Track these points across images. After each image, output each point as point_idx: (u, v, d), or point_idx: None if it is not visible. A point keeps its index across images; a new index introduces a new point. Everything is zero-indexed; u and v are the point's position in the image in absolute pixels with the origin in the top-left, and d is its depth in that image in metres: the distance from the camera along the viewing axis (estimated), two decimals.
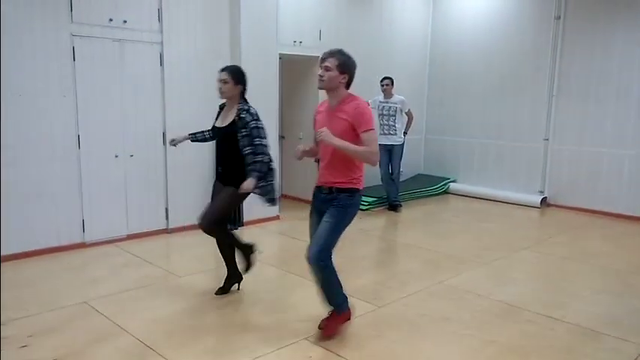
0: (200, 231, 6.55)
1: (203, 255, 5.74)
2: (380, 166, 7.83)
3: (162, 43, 6.03)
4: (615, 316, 4.21)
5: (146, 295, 4.50)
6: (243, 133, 4.09)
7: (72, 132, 5.49)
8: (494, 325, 4.01)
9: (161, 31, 6.01)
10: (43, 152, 5.31)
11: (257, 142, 4.10)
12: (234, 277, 4.55)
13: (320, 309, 3.87)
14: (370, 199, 7.91)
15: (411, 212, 7.86)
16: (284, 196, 8.00)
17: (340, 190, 3.60)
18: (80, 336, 3.70)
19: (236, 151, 4.13)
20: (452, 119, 9.41)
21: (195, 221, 6.46)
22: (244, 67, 4.36)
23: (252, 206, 6.79)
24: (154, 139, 6.14)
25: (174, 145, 4.64)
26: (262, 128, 4.15)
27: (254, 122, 4.10)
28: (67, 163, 5.49)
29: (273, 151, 6.78)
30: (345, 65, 3.46)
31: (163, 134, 6.18)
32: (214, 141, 4.47)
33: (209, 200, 4.45)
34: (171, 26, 6.08)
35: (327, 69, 3.44)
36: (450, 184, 9.30)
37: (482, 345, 3.69)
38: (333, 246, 3.60)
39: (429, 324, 4.01)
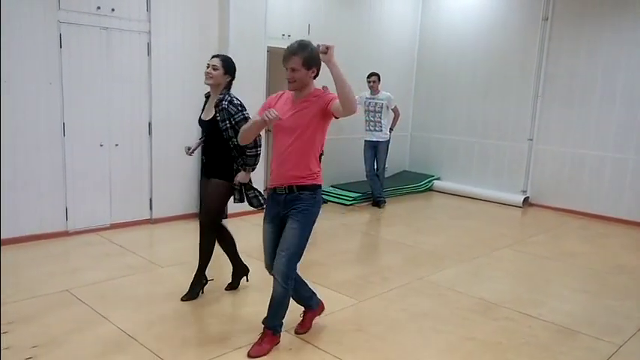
0: (183, 222, 6.56)
1: (186, 246, 5.74)
2: (365, 162, 7.87)
3: (149, 32, 6.00)
4: (591, 315, 4.29)
5: (128, 284, 4.50)
6: (228, 125, 3.95)
7: (57, 120, 5.45)
8: (472, 321, 4.07)
9: (149, 21, 5.98)
10: (27, 139, 5.27)
11: None
12: (240, 270, 4.53)
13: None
14: (354, 195, 7.95)
15: (394, 208, 7.91)
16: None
17: (302, 188, 3.33)
18: (61, 324, 3.70)
19: (221, 143, 4.03)
20: (438, 117, 9.47)
21: (178, 212, 6.55)
22: (232, 59, 4.35)
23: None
24: (139, 129, 6.11)
25: (191, 153, 4.41)
26: (250, 119, 3.97)
27: (240, 114, 3.97)
28: (52, 151, 5.46)
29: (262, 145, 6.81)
30: (311, 59, 3.20)
31: (149, 124, 6.16)
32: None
33: (198, 196, 4.42)
34: (159, 16, 6.04)
35: (293, 70, 3.20)
36: (435, 181, 9.36)
37: (461, 341, 3.75)
38: (302, 254, 3.39)
39: (409, 319, 4.06)
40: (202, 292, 4.31)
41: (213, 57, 4.14)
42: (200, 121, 4.23)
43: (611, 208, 7.59)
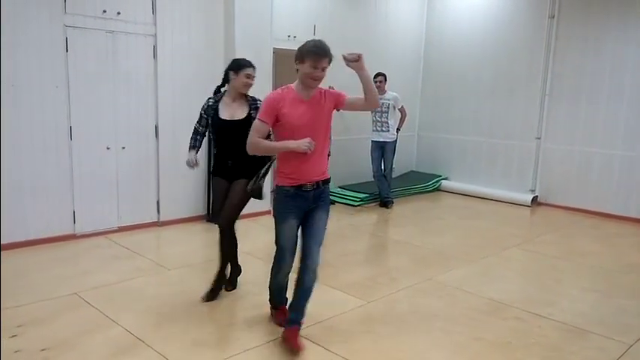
0: (190, 224, 6.55)
1: (193, 248, 5.75)
2: (372, 162, 7.85)
3: (155, 35, 6.01)
4: (602, 315, 4.25)
5: (136, 287, 4.50)
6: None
7: (64, 123, 5.47)
8: (481, 321, 4.04)
9: (155, 24, 5.99)
10: (34, 143, 5.29)
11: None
12: (238, 271, 4.58)
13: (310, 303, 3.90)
14: (362, 195, 7.94)
15: (402, 209, 7.89)
16: None
17: (326, 182, 3.51)
18: (70, 327, 3.71)
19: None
20: (445, 116, 9.43)
21: (186, 214, 6.55)
22: None
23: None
24: (146, 132, 6.12)
25: (197, 166, 4.35)
26: None
27: None
28: (59, 154, 5.47)
29: None
30: (331, 61, 3.37)
31: (156, 127, 6.17)
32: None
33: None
34: (165, 19, 6.05)
35: (323, 69, 3.30)
36: (442, 181, 9.33)
37: (470, 341, 3.72)
38: None
39: (418, 320, 4.04)
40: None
41: (248, 67, 4.19)
42: (225, 122, 4.17)
43: (622, 207, 7.52)
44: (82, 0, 5.42)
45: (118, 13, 5.67)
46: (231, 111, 4.18)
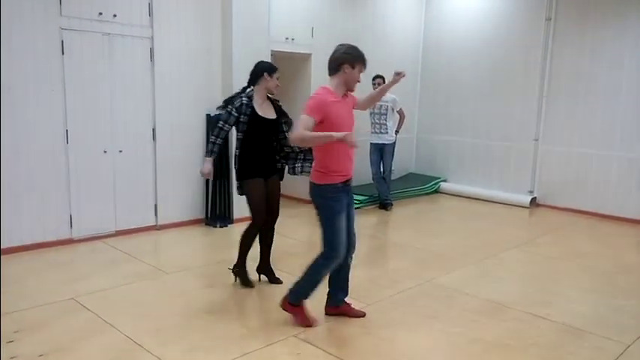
0: (188, 227, 6.53)
1: (192, 251, 5.73)
2: (371, 164, 7.84)
3: (152, 38, 6.00)
4: (600, 315, 4.25)
5: (134, 291, 4.48)
6: (283, 120, 4.49)
7: (60, 126, 5.44)
8: (480, 323, 4.03)
9: (151, 26, 5.98)
10: (31, 146, 5.26)
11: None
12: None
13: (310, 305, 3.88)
14: (361, 198, 7.91)
15: (401, 211, 7.88)
16: None
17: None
18: (67, 332, 3.68)
19: (275, 140, 4.51)
20: (443, 119, 9.43)
21: (184, 218, 6.52)
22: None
23: (242, 204, 6.80)
24: (143, 135, 6.10)
25: (211, 177, 4.63)
26: None
27: None
28: (55, 158, 5.45)
29: None
30: None
31: (153, 130, 6.15)
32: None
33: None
34: (161, 21, 6.04)
35: None
36: (441, 183, 9.31)
37: (469, 343, 3.71)
38: None
39: (417, 322, 4.03)
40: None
41: (277, 69, 4.43)
42: (266, 120, 4.40)
43: (620, 208, 7.52)
44: (78, 2, 5.40)
45: (115, 16, 5.66)
46: (264, 111, 4.41)
